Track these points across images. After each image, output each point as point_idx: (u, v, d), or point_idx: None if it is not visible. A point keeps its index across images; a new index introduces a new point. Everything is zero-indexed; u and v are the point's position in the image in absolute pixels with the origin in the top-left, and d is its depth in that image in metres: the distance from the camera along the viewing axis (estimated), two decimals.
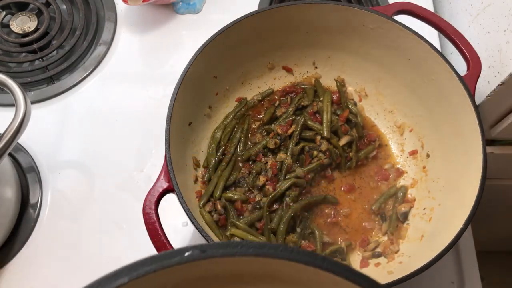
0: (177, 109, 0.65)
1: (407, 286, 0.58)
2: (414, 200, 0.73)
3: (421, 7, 0.72)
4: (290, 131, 0.75)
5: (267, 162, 0.73)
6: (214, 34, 0.69)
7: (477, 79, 0.67)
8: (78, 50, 0.89)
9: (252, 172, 0.73)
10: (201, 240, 0.58)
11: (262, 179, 0.72)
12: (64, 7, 0.94)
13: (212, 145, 0.76)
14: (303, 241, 0.69)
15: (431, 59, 0.69)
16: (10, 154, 0.77)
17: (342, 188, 0.75)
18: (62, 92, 0.85)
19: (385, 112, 0.80)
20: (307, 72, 0.83)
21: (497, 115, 0.79)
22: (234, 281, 0.31)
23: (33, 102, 0.83)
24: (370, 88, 0.81)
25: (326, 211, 0.73)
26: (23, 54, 0.90)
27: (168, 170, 0.60)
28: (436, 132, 0.73)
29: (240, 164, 0.75)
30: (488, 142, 0.84)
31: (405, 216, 0.72)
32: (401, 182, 0.76)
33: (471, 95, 0.65)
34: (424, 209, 0.71)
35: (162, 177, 0.60)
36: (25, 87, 0.86)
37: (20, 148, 0.79)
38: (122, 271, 0.25)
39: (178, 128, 0.67)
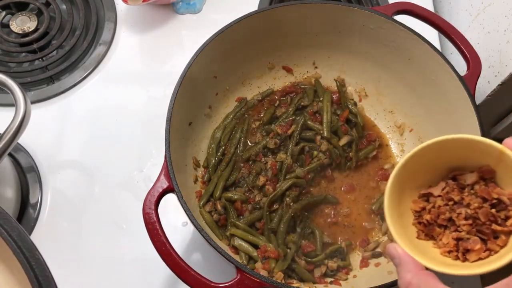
0: (177, 109, 0.65)
1: None
2: None
3: (421, 7, 0.72)
4: (290, 131, 0.75)
5: (267, 162, 0.73)
6: (214, 34, 0.69)
7: (477, 79, 0.67)
8: (78, 50, 0.89)
9: (252, 172, 0.73)
10: (201, 240, 0.58)
11: (262, 179, 0.72)
12: (64, 7, 0.94)
13: (212, 145, 0.76)
14: (303, 241, 0.69)
15: (431, 59, 0.69)
16: (10, 154, 0.77)
17: (342, 188, 0.75)
18: (62, 92, 0.85)
19: (385, 112, 0.80)
20: (307, 72, 0.83)
21: (497, 115, 0.79)
22: None
23: (33, 102, 0.83)
24: (370, 88, 0.81)
25: (326, 211, 0.73)
26: (23, 54, 0.90)
27: (168, 170, 0.60)
28: (436, 132, 0.73)
29: (240, 164, 0.75)
30: None
31: None
32: None
33: (471, 95, 0.65)
34: None
35: (162, 177, 0.60)
36: (25, 87, 0.86)
37: (20, 148, 0.79)
38: None
39: (178, 128, 0.67)
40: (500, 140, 0.41)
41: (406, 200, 0.46)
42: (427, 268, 0.40)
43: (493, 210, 0.41)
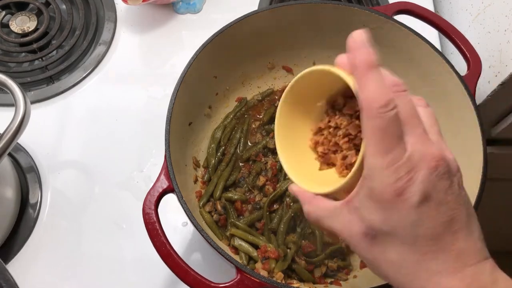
0: (177, 109, 0.65)
1: None
2: None
3: (422, 6, 0.72)
4: None
5: (267, 162, 0.73)
6: (214, 34, 0.69)
7: (478, 79, 0.67)
8: (78, 50, 0.89)
9: (252, 172, 0.73)
10: (201, 240, 0.58)
11: (262, 179, 0.72)
12: (64, 7, 0.94)
13: (212, 145, 0.76)
14: (303, 241, 0.69)
15: (431, 59, 0.69)
16: (9, 154, 0.77)
17: None
18: (62, 92, 0.85)
19: None
20: None
21: (498, 115, 0.79)
22: None
23: (32, 102, 0.83)
24: None
25: None
26: (23, 54, 0.90)
27: (168, 170, 0.60)
28: None
29: (240, 164, 0.75)
30: (488, 142, 0.83)
31: None
32: None
33: (472, 95, 0.65)
34: None
35: (162, 177, 0.60)
36: (25, 87, 0.86)
37: (20, 148, 0.79)
38: None
39: (178, 128, 0.67)
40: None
41: (304, 140, 0.49)
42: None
43: (357, 121, 0.43)
